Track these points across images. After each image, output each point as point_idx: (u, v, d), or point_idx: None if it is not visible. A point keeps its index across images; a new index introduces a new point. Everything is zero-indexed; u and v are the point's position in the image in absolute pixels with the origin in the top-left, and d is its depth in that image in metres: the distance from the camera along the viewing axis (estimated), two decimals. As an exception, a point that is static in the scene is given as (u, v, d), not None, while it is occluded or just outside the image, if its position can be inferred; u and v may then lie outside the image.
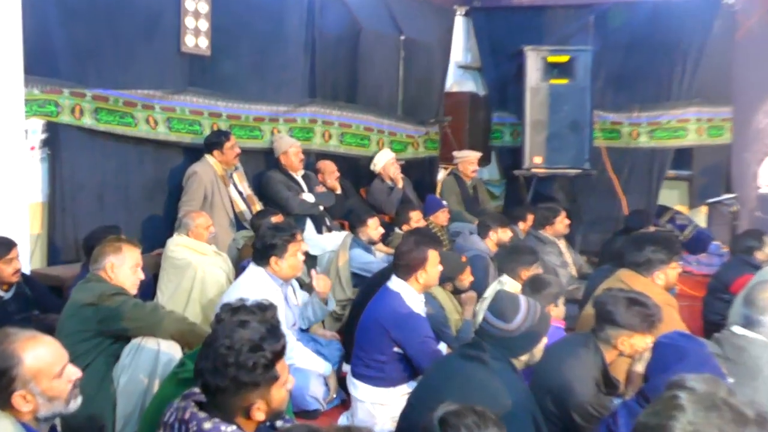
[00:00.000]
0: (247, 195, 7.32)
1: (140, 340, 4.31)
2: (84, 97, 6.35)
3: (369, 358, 4.71)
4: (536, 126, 9.08)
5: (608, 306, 4.00)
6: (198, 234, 6.23)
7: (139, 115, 6.79)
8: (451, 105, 10.46)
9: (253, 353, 2.66)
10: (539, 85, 9.09)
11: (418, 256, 4.73)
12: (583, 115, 9.07)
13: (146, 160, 7.01)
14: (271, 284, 4.94)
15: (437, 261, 4.79)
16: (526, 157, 9.11)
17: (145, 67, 6.87)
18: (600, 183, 9.79)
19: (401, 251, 4.80)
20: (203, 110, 7.38)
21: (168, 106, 7.04)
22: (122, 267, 4.48)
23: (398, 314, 4.61)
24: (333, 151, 8.86)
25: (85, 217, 6.42)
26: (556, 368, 3.86)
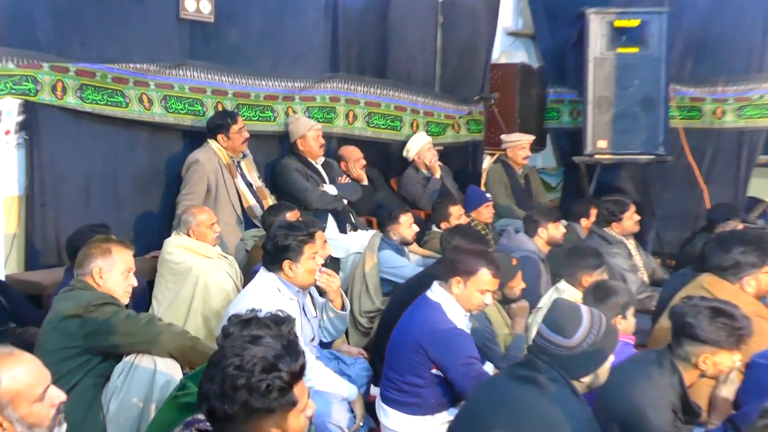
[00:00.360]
0: (257, 187, 7.34)
1: (134, 359, 4.32)
2: (67, 72, 6.38)
3: (402, 380, 4.72)
4: (600, 104, 9.04)
5: (687, 317, 3.98)
6: (200, 233, 6.24)
7: (131, 94, 6.82)
8: (499, 79, 10.43)
9: (267, 374, 2.65)
10: (604, 54, 9.04)
11: (468, 268, 4.78)
12: (657, 90, 9.02)
13: (139, 146, 7.04)
14: (285, 293, 4.94)
15: (484, 284, 4.80)
16: (588, 140, 9.08)
17: (138, 37, 6.90)
18: (677, 171, 9.72)
19: (456, 254, 4.86)
20: (206, 87, 7.41)
21: (165, 83, 7.08)
22: (112, 272, 4.50)
23: (438, 330, 4.61)
24: (358, 135, 8.88)
25: (68, 214, 6.46)
26: (624, 392, 3.83)
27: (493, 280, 4.82)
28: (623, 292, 4.88)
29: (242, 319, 2.97)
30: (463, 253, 4.91)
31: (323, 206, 7.54)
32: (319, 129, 7.84)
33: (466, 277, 4.75)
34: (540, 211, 7.18)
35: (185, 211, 6.43)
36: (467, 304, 4.79)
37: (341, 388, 5.07)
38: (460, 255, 4.89)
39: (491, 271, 4.80)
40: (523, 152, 9.50)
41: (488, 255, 4.95)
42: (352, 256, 7.24)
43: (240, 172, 7.24)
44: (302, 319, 5.05)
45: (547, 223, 6.93)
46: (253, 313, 3.01)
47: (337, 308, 5.28)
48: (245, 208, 7.19)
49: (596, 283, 5.09)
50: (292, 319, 3.00)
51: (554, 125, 10.67)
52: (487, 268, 4.78)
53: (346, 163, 8.37)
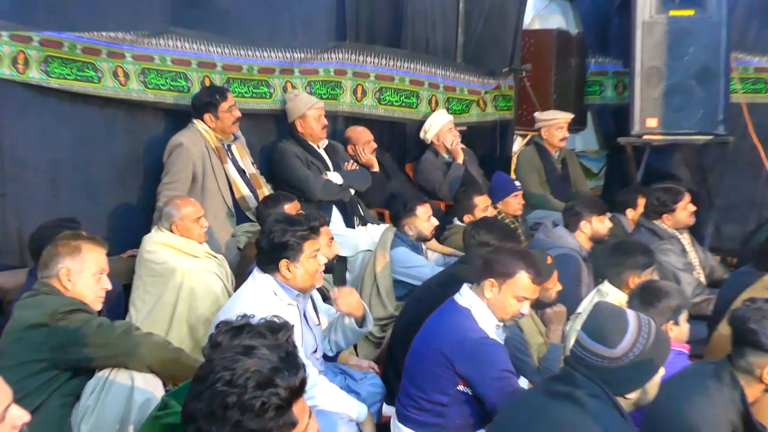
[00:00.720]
0: (250, 174, 7.37)
1: (108, 374, 4.34)
2: (30, 42, 6.38)
3: (424, 398, 4.74)
4: (650, 76, 9.05)
5: (750, 323, 3.99)
6: (185, 228, 6.28)
7: (105, 67, 6.83)
8: (532, 48, 10.45)
9: (262, 390, 2.65)
10: (654, 18, 9.05)
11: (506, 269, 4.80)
12: (716, 59, 9.03)
13: (114, 128, 7.06)
14: (282, 297, 4.95)
15: (521, 290, 4.80)
16: (635, 119, 9.10)
17: (112, 1, 6.91)
18: (739, 154, 9.73)
19: (491, 253, 4.87)
20: (191, 59, 7.44)
21: (143, 54, 7.09)
22: (82, 274, 4.53)
23: (467, 339, 4.63)
24: (368, 114, 8.92)
25: (32, 207, 6.48)
26: (677, 410, 3.85)
27: (533, 286, 4.81)
28: (676, 295, 4.86)
29: (232, 326, 2.99)
30: (499, 252, 4.93)
31: (327, 197, 7.58)
32: (322, 107, 7.86)
33: (502, 280, 4.76)
34: (583, 201, 7.18)
35: (167, 202, 6.45)
36: (500, 311, 4.80)
37: (349, 408, 5.05)
38: (496, 254, 4.91)
39: (531, 276, 4.79)
40: (560, 133, 9.47)
41: (529, 257, 4.94)
42: (361, 255, 7.29)
43: (231, 157, 7.27)
44: (303, 328, 5.06)
45: (591, 216, 6.95)
46: (245, 319, 3.03)
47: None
48: (237, 199, 7.21)
49: (644, 284, 5.04)
50: (290, 327, 3.03)
51: (596, 101, 10.70)
52: (527, 272, 4.78)
53: (354, 147, 8.38)
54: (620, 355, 3.56)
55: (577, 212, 6.98)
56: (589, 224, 6.92)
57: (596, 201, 7.32)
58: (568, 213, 7.07)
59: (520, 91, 10.41)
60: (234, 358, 2.70)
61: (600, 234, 6.95)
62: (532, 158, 9.45)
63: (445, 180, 8.80)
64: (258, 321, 3.04)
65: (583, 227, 6.93)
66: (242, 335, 2.92)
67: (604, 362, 3.56)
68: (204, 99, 7.15)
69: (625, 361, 3.56)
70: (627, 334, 3.58)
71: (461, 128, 9.38)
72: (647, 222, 7.55)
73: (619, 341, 3.57)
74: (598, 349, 3.58)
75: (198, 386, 2.70)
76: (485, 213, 7.55)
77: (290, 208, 6.48)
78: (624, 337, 3.58)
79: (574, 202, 7.19)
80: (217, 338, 2.97)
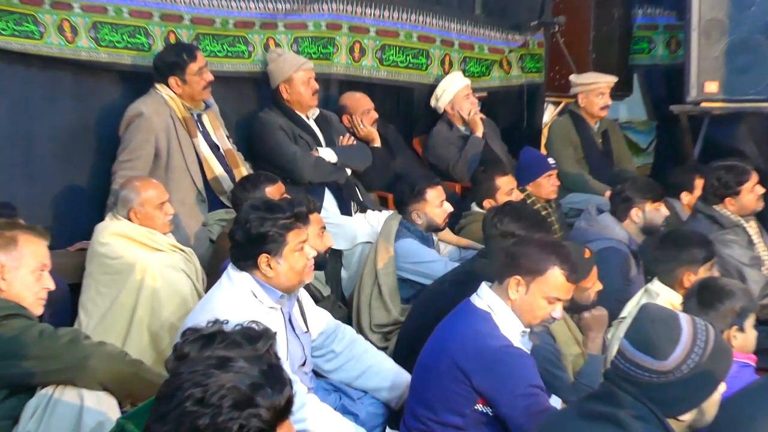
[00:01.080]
0: (225, 150, 7.41)
1: (52, 392, 4.33)
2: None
3: (435, 420, 4.73)
4: (710, 30, 9.07)
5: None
6: (146, 216, 6.31)
7: (48, 20, 6.86)
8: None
9: (240, 411, 2.60)
10: (715, -40, 9.06)
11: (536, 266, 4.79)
12: (791, 10, 9.00)
13: (60, 94, 7.10)
14: (263, 299, 4.95)
15: (553, 290, 4.79)
16: (692, 82, 9.10)
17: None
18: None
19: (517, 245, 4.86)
20: (152, 10, 7.46)
21: (94, 4, 7.12)
22: (18, 271, 4.52)
23: (487, 348, 4.63)
24: (367, 77, 8.94)
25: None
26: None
27: (567, 285, 4.82)
28: (740, 295, 4.82)
29: (202, 334, 2.96)
30: (527, 244, 4.90)
31: (318, 178, 7.63)
32: (311, 69, 7.89)
33: (530, 278, 4.75)
34: (634, 185, 7.20)
35: (125, 184, 6.47)
36: (528, 314, 4.79)
37: None
38: (522, 246, 4.89)
39: (565, 273, 4.78)
40: (601, 100, 9.48)
41: (563, 249, 4.94)
42: (360, 248, 7.37)
43: (201, 129, 7.31)
44: (288, 336, 5.06)
45: (644, 203, 7.00)
46: (216, 325, 3.01)
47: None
48: (209, 180, 7.26)
49: (703, 283, 5.02)
50: (272, 334, 3.00)
51: (644, 61, 10.73)
52: (561, 268, 4.76)
53: (351, 117, 8.44)
54: (672, 369, 3.50)
55: (627, 197, 7.02)
56: (641, 212, 6.97)
57: (650, 184, 7.32)
58: (617, 198, 7.12)
59: (552, 49, 10.42)
60: (206, 373, 2.66)
61: (654, 224, 6.97)
62: (567, 131, 9.46)
63: (461, 157, 8.82)
64: (233, 328, 3.00)
65: (633, 216, 6.98)
66: (213, 345, 2.90)
67: (652, 377, 3.51)
68: (168, 59, 7.17)
69: (677, 376, 3.51)
70: (680, 343, 3.53)
71: (480, 94, 9.48)
72: (706, 207, 7.57)
73: (671, 352, 3.51)
74: (645, 362, 3.52)
75: (162, 406, 2.66)
76: (509, 197, 7.51)
77: (273, 191, 6.50)
78: (676, 346, 3.52)
79: (623, 186, 7.20)
80: (183, 348, 2.94)
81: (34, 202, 6.79)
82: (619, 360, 3.61)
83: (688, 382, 3.52)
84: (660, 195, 7.13)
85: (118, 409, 4.39)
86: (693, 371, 3.52)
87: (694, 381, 3.53)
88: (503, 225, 6.04)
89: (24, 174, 6.91)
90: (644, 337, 3.57)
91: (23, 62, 6.82)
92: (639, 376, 3.53)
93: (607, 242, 6.64)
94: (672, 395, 3.53)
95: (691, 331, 3.57)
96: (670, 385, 3.51)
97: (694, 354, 3.52)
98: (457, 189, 8.61)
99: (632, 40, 10.70)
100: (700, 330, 3.59)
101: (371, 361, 5.53)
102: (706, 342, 3.56)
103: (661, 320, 3.61)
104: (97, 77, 7.29)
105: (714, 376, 3.57)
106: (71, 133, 7.16)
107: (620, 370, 3.59)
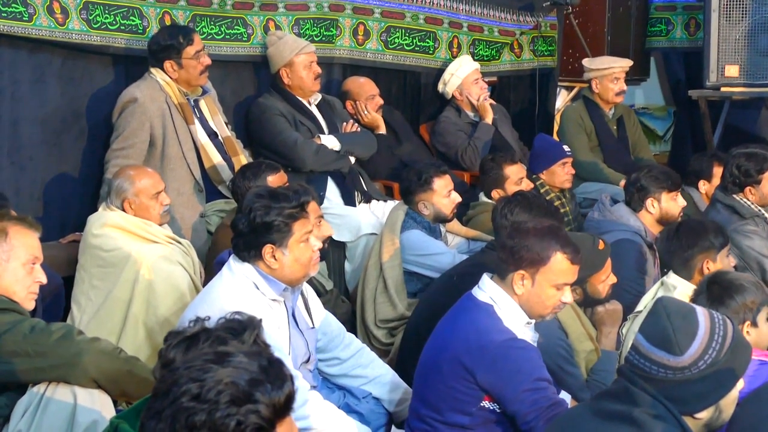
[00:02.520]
0: (224, 138, 7.40)
1: (44, 389, 4.34)
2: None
3: (439, 420, 4.72)
4: (730, 11, 9.08)
5: None
6: (141, 206, 6.30)
7: (37, 1, 6.81)
8: (580, -23, 10.44)
9: (238, 407, 2.61)
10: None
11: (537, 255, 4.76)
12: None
13: (50, 78, 7.06)
14: (266, 291, 4.93)
15: (560, 276, 4.77)
16: (711, 66, 9.12)
17: None
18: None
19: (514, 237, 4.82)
20: (146, -10, 7.43)
21: (85, -16, 7.08)
22: (9, 264, 4.51)
23: (491, 343, 4.61)
24: (372, 61, 8.94)
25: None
26: None
27: (572, 267, 4.78)
28: (753, 289, 4.76)
29: (185, 336, 2.99)
30: (524, 235, 4.82)
31: (320, 166, 7.61)
32: (313, 52, 7.89)
33: (534, 269, 4.72)
34: (650, 174, 7.11)
35: (118, 173, 6.47)
36: (538, 306, 4.79)
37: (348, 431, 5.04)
38: (520, 238, 4.81)
39: (568, 256, 4.75)
40: (616, 85, 9.48)
41: (560, 231, 4.95)
42: (364, 240, 7.36)
43: (198, 116, 7.30)
44: (291, 330, 5.04)
45: (661, 193, 6.94)
46: (198, 324, 3.02)
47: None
48: (207, 169, 7.26)
49: (712, 277, 4.96)
50: (256, 323, 3.02)
51: (662, 44, 10.80)
52: (563, 252, 4.74)
53: (354, 103, 8.44)
54: (688, 365, 3.48)
55: (643, 187, 6.96)
56: (657, 202, 6.91)
57: (667, 173, 7.22)
58: (631, 188, 7.05)
59: (565, 31, 10.50)
60: (203, 368, 2.67)
61: (671, 215, 6.91)
62: (580, 117, 9.46)
63: (469, 144, 8.82)
64: (216, 323, 3.03)
65: (649, 206, 6.92)
66: (199, 345, 2.92)
67: (668, 373, 3.49)
68: (164, 42, 7.15)
69: (694, 372, 3.49)
70: (697, 338, 3.50)
71: (490, 79, 9.48)
72: (725, 197, 7.54)
73: (687, 347, 3.49)
74: (661, 357, 3.50)
75: (158, 402, 2.67)
76: (519, 187, 7.52)
77: (275, 180, 6.47)
78: (693, 341, 3.49)
79: (638, 174, 7.12)
80: (168, 354, 2.98)
81: (21, 191, 6.81)
82: (634, 356, 3.59)
83: (705, 378, 3.50)
84: (677, 184, 7.08)
85: (113, 407, 4.41)
86: (711, 367, 3.50)
87: (712, 377, 3.51)
88: (514, 216, 6.03)
89: (12, 162, 6.89)
90: (659, 331, 3.55)
91: (10, 45, 6.79)
92: (654, 373, 3.51)
93: (622, 233, 6.62)
94: (689, 392, 3.51)
95: (709, 325, 3.55)
96: (686, 381, 3.49)
97: (711, 349, 3.50)
98: (465, 178, 8.61)
99: (649, 22, 10.76)
100: (717, 324, 3.57)
101: (379, 371, 5.51)
102: (724, 336, 3.54)
103: (677, 314, 3.58)
104: (89, 60, 7.27)
105: (733, 372, 3.55)
106: (61, 120, 7.13)
107: (635, 367, 3.57)
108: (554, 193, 8.08)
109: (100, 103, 7.21)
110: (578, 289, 5.53)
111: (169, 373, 2.73)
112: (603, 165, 9.10)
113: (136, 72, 7.22)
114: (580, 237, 5.78)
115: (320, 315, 5.45)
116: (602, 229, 6.61)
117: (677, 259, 5.79)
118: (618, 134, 9.52)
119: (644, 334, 3.57)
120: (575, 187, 8.66)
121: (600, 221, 6.92)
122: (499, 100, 9.32)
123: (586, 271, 5.43)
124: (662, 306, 3.63)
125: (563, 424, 3.82)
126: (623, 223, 6.80)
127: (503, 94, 9.57)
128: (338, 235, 7.19)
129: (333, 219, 7.10)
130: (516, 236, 4.84)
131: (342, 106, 8.27)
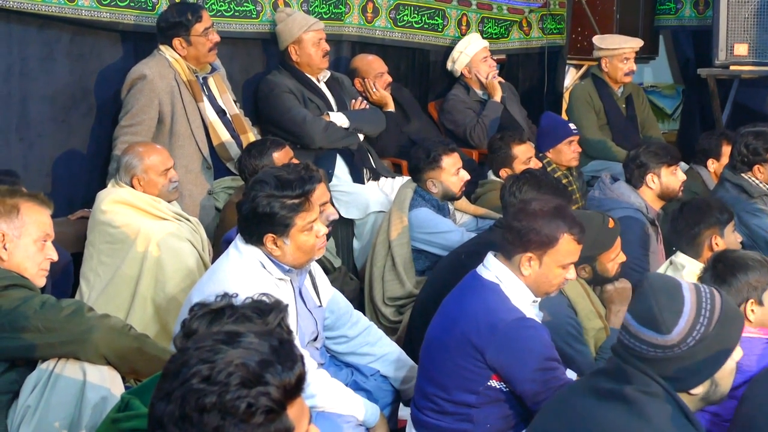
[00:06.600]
0: (232, 115, 7.42)
1: (53, 366, 4.36)
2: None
3: (446, 398, 4.75)
4: (740, -10, 9.05)
5: None
6: (149, 183, 6.38)
7: (45, -24, 6.84)
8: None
9: (249, 389, 2.60)
10: None
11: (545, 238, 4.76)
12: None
13: (58, 55, 7.09)
14: (272, 270, 4.91)
15: (567, 256, 4.80)
16: (720, 44, 9.09)
17: None
18: None
19: (521, 219, 4.82)
20: (155, -34, 7.45)
21: (94, -40, 7.10)
22: (21, 240, 4.55)
23: (500, 322, 4.62)
24: (381, 38, 8.96)
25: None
26: (761, 411, 3.79)
27: (578, 246, 4.80)
28: (758, 267, 4.75)
29: (210, 308, 3.02)
30: (532, 217, 4.79)
31: (329, 143, 7.66)
32: (322, 29, 7.89)
33: (542, 251, 4.73)
34: (648, 150, 7.10)
35: (127, 150, 6.51)
36: (545, 285, 4.81)
37: (356, 409, 5.05)
38: (528, 220, 4.78)
39: (575, 236, 4.76)
40: (625, 65, 9.47)
41: (566, 211, 4.92)
42: (372, 217, 7.40)
43: (207, 93, 7.33)
44: (298, 309, 5.03)
45: (660, 168, 6.93)
46: (225, 299, 3.05)
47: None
48: (215, 146, 7.27)
49: (718, 255, 4.97)
50: (283, 307, 3.07)
51: (671, 22, 10.70)
52: (570, 233, 4.74)
53: (363, 81, 8.46)
54: (677, 342, 3.48)
55: (642, 163, 6.95)
56: (656, 177, 6.91)
57: (665, 148, 7.25)
58: (631, 164, 7.03)
59: (574, 9, 10.46)
60: (214, 348, 2.66)
61: (671, 189, 6.93)
62: (589, 95, 9.45)
63: (478, 122, 8.83)
64: (243, 301, 3.03)
65: (649, 182, 6.92)
66: (223, 320, 2.94)
67: (657, 352, 3.50)
68: (173, 19, 7.17)
69: (684, 349, 3.48)
70: (683, 315, 3.50)
71: (499, 57, 9.45)
72: (734, 175, 7.52)
73: (674, 324, 3.49)
74: (649, 337, 3.52)
75: (168, 383, 2.65)
76: (527, 166, 7.46)
77: (281, 156, 6.52)
78: (680, 318, 3.50)
79: (637, 151, 7.11)
80: (192, 324, 3.00)
81: (30, 168, 6.82)
82: (624, 336, 3.61)
83: (696, 354, 3.49)
84: (676, 158, 7.07)
85: (122, 384, 4.41)
86: (700, 342, 3.49)
87: (704, 352, 3.50)
88: (522, 194, 6.05)
89: (21, 139, 6.90)
90: (646, 310, 3.54)
91: (19, 21, 6.78)
92: (645, 352, 3.52)
93: (624, 211, 6.59)
94: (681, 369, 3.50)
95: (695, 300, 3.54)
96: (678, 358, 3.49)
97: (699, 324, 3.49)
98: (474, 156, 8.63)
99: (658, 0, 10.64)
100: (703, 297, 3.56)
101: (386, 349, 5.52)
102: (711, 311, 3.53)
103: (662, 291, 3.57)
104: (97, 37, 7.26)
105: (724, 345, 3.55)
106: (70, 96, 7.14)
107: (625, 346, 3.59)
108: (561, 172, 8.05)
109: (108, 80, 7.22)
110: (587, 267, 5.55)
111: (179, 353, 2.72)
112: (611, 143, 9.10)
113: (145, 49, 7.23)
114: (590, 215, 5.74)
115: (328, 293, 5.41)
116: (603, 208, 6.56)
117: (684, 238, 5.86)
118: (627, 113, 9.50)
119: (632, 313, 3.59)
120: (584, 166, 8.67)
121: (601, 200, 6.88)
122: (507, 78, 9.32)
123: (595, 250, 5.49)
124: (648, 284, 3.63)
125: (558, 402, 3.83)
126: (624, 201, 6.77)
127: (512, 72, 9.54)
128: (346, 213, 7.23)
129: (341, 196, 7.11)
130: (523, 218, 4.78)
131: (351, 84, 8.27)
